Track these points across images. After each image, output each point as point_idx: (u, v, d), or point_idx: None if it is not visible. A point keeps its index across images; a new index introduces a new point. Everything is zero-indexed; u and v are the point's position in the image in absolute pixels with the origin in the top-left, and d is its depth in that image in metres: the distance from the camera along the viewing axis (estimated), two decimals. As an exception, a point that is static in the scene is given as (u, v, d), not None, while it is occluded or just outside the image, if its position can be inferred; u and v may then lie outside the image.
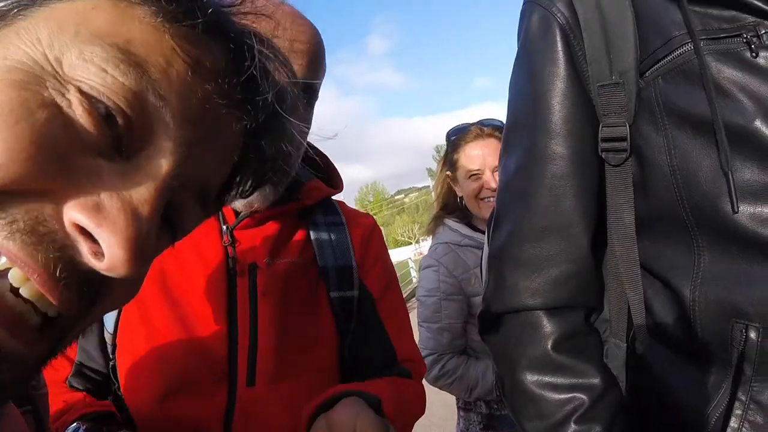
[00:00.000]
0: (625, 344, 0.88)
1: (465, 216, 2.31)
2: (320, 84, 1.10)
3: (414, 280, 22.56)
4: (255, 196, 1.03)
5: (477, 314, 0.96)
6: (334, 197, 1.26)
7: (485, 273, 0.97)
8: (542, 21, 0.89)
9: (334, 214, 1.21)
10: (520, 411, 0.87)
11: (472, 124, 2.30)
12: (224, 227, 1.06)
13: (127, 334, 1.02)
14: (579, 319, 0.87)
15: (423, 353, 2.13)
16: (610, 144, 0.84)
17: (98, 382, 1.06)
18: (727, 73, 0.74)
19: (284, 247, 1.11)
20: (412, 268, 23.76)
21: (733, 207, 0.71)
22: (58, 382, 1.04)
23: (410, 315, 1.31)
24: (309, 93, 1.04)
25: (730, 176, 0.71)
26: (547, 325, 0.85)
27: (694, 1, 0.78)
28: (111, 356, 1.04)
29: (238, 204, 1.05)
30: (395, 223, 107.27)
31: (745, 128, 0.72)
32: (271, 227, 1.10)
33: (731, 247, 0.74)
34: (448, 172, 2.33)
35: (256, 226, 1.09)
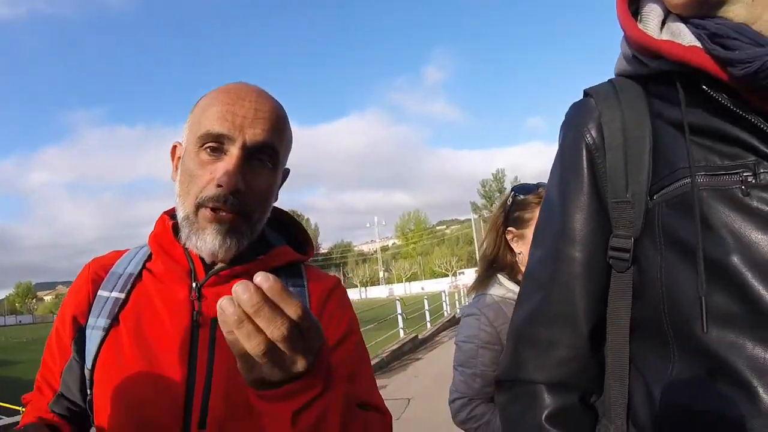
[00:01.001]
0: (613, 426, 0.96)
1: (513, 272, 2.30)
2: (285, 151, 1.24)
3: (446, 313, 22.35)
4: (218, 247, 1.14)
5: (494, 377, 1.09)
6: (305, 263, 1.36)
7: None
8: (574, 139, 1.03)
9: (297, 278, 1.30)
10: None
11: (539, 186, 2.30)
12: (194, 284, 1.19)
13: (102, 372, 1.14)
14: (575, 397, 0.98)
15: (453, 396, 2.22)
16: (617, 253, 0.95)
17: (76, 413, 1.20)
18: (716, 210, 0.83)
19: None
20: (445, 302, 23.48)
21: (703, 328, 0.81)
22: (42, 408, 1.19)
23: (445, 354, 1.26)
24: (272, 155, 1.18)
25: (703, 301, 0.81)
26: (546, 398, 0.98)
27: (701, 134, 0.87)
28: (89, 391, 1.16)
29: (203, 252, 1.17)
30: (434, 253, 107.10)
31: (722, 261, 0.81)
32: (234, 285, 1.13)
33: (699, 362, 0.83)
34: (511, 228, 2.28)
35: (222, 283, 1.20)
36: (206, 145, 1.15)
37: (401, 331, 16.59)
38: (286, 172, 1.33)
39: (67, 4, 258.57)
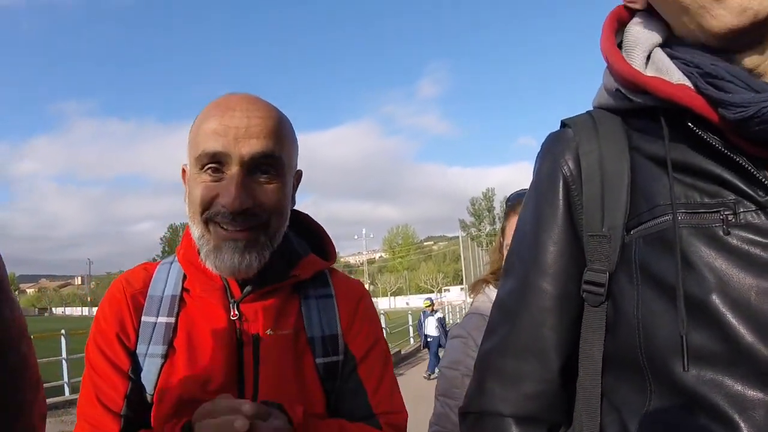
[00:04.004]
0: None
1: None
2: (289, 154, 1.23)
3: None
4: (238, 265, 1.17)
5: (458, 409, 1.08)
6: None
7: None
8: (550, 169, 1.01)
9: (325, 287, 1.36)
10: None
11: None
12: (231, 301, 1.24)
13: (162, 395, 1.20)
14: (543, 431, 0.97)
15: (433, 429, 2.07)
16: (591, 287, 0.94)
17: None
18: (696, 248, 0.82)
19: (281, 318, 1.28)
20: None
21: (684, 366, 0.80)
22: (117, 400, 1.22)
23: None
24: (275, 164, 1.18)
25: (684, 340, 0.80)
26: None
27: (683, 171, 0.87)
28: (150, 414, 1.22)
29: (223, 272, 1.20)
30: (421, 269, 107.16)
31: (702, 300, 0.80)
32: (269, 300, 1.27)
33: (677, 398, 0.82)
34: (501, 238, 2.24)
35: (258, 300, 1.25)
36: (206, 168, 1.16)
37: (384, 346, 16.52)
38: (299, 173, 1.33)
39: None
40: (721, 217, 0.82)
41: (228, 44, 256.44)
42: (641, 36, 0.95)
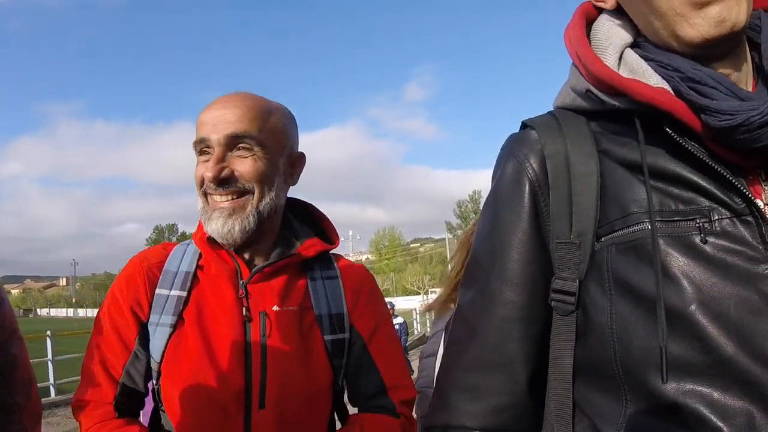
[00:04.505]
0: None
1: None
2: (270, 135, 1.38)
3: (416, 331, 22.33)
4: (221, 229, 1.33)
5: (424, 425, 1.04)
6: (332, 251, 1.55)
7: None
8: (514, 172, 0.96)
9: (330, 268, 1.50)
10: None
11: None
12: (240, 282, 1.38)
13: (171, 364, 1.33)
14: None
15: None
16: (559, 296, 0.90)
17: (135, 400, 1.40)
18: (674, 257, 0.80)
19: (287, 296, 1.41)
20: (415, 319, 23.50)
21: (663, 378, 0.78)
22: (106, 402, 1.34)
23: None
24: (251, 141, 1.34)
25: (664, 351, 0.78)
26: None
27: (657, 177, 0.84)
28: (154, 381, 1.37)
29: (216, 236, 1.36)
30: (407, 270, 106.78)
31: (682, 311, 0.78)
32: (276, 280, 1.41)
33: (655, 407, 0.80)
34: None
35: (265, 280, 1.40)
36: (200, 150, 1.38)
37: (370, 347, 16.45)
38: (298, 155, 1.49)
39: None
40: (698, 225, 0.81)
41: (214, 46, 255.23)
42: (612, 35, 0.92)
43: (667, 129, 0.83)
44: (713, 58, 0.85)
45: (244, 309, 1.35)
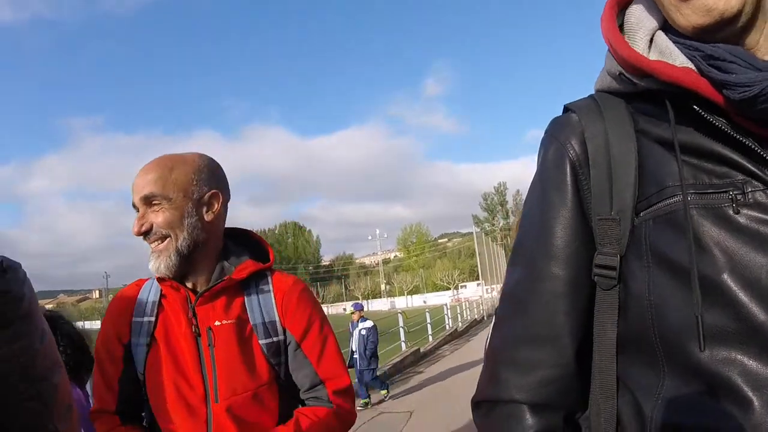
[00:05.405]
0: None
1: None
2: (175, 187, 1.68)
3: (447, 327, 22.31)
4: (152, 268, 1.68)
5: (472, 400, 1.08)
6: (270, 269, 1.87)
7: None
8: (557, 154, 1.01)
9: (265, 283, 1.81)
10: None
11: None
12: (189, 305, 1.71)
13: (150, 374, 1.69)
14: (558, 417, 0.97)
15: None
16: (602, 270, 0.94)
17: (135, 405, 1.77)
18: (707, 228, 0.83)
19: (227, 312, 1.73)
20: (447, 315, 23.46)
21: (700, 346, 0.80)
22: (111, 410, 1.74)
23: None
24: (159, 198, 1.67)
25: (700, 320, 0.80)
26: (529, 419, 0.96)
27: (690, 153, 0.88)
28: (143, 388, 1.71)
29: (152, 272, 1.69)
30: (436, 266, 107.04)
31: (715, 280, 0.81)
32: (218, 300, 1.73)
33: (692, 379, 0.82)
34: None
35: (208, 302, 1.72)
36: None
37: (403, 345, 16.61)
38: (210, 195, 1.76)
39: (69, 10, 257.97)
40: (731, 196, 0.83)
41: (230, 53, 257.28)
42: (643, 19, 0.95)
43: (695, 107, 0.86)
44: (726, 39, 0.86)
45: (193, 326, 1.69)
